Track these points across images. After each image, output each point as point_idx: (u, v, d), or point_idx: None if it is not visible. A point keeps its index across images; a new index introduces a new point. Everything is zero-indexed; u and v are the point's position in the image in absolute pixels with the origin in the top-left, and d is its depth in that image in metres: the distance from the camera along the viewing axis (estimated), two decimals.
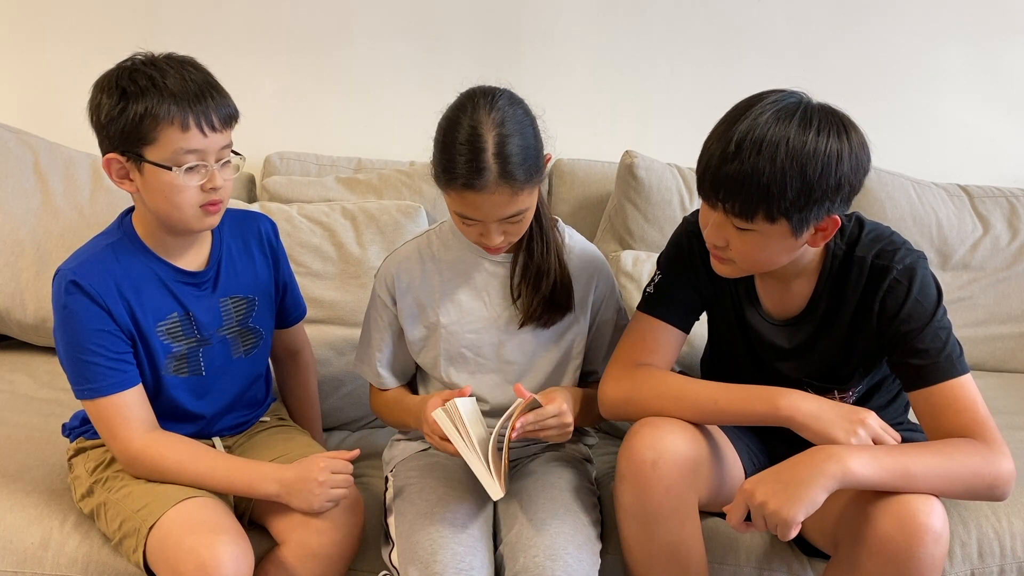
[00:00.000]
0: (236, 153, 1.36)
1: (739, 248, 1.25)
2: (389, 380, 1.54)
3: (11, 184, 1.98)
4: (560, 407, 1.32)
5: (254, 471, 1.36)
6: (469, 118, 1.27)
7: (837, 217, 1.22)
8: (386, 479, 1.54)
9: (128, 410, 1.34)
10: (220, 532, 1.26)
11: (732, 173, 1.17)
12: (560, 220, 1.51)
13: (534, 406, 1.33)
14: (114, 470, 1.40)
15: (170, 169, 1.28)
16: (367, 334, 1.55)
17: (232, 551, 1.24)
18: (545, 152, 1.34)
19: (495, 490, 1.27)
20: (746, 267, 1.29)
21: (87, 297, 1.31)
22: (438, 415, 1.29)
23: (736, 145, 1.17)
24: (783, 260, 1.27)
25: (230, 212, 1.47)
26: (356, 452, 1.39)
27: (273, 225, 1.55)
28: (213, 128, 1.29)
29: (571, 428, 1.35)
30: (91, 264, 1.34)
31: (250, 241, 1.50)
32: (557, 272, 1.44)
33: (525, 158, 1.28)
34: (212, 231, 1.44)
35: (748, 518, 1.22)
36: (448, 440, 1.29)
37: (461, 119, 1.28)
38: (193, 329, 1.42)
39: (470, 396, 1.35)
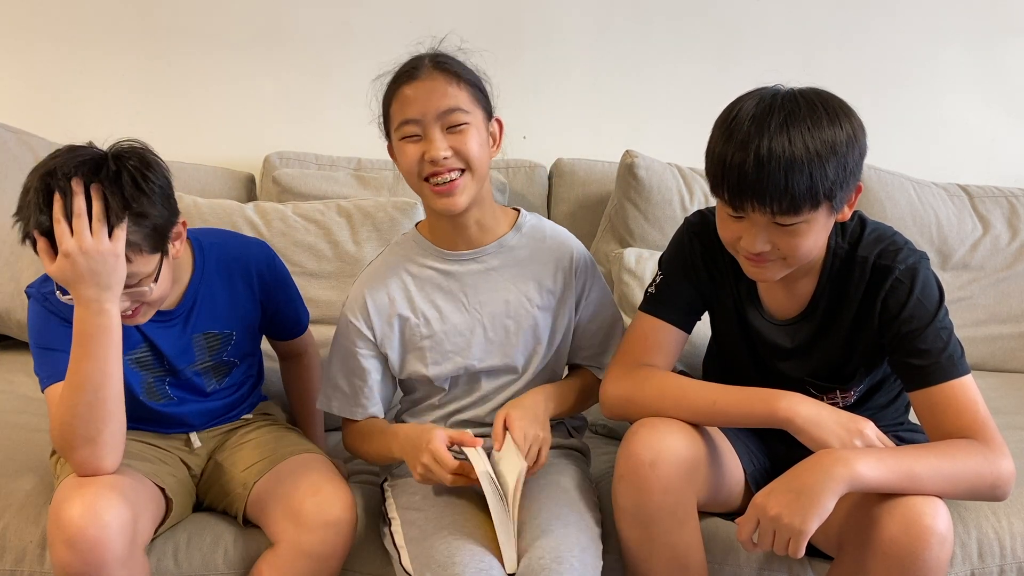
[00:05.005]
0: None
1: (787, 245, 1.23)
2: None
3: (11, 184, 1.96)
4: (523, 435, 1.33)
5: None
6: None
7: (860, 184, 1.25)
8: (382, 489, 1.51)
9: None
10: (103, 488, 1.24)
11: (771, 176, 1.16)
12: (523, 210, 1.52)
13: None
14: None
15: None
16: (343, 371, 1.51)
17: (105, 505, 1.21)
18: (495, 116, 1.41)
19: (512, 561, 1.27)
20: (794, 261, 1.27)
21: (63, 307, 1.31)
22: (472, 454, 1.29)
23: (767, 152, 1.16)
24: (823, 242, 1.29)
25: (224, 244, 1.48)
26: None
27: (264, 253, 1.53)
28: None
29: (549, 438, 1.37)
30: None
31: (235, 273, 1.49)
32: None
33: (465, 68, 1.39)
34: (194, 266, 1.45)
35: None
36: (462, 475, 1.29)
37: None
38: (161, 361, 1.44)
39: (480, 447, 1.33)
